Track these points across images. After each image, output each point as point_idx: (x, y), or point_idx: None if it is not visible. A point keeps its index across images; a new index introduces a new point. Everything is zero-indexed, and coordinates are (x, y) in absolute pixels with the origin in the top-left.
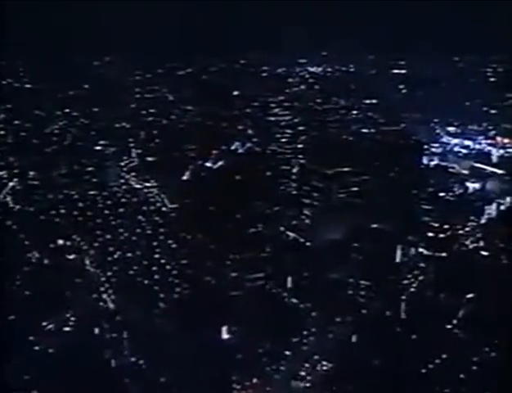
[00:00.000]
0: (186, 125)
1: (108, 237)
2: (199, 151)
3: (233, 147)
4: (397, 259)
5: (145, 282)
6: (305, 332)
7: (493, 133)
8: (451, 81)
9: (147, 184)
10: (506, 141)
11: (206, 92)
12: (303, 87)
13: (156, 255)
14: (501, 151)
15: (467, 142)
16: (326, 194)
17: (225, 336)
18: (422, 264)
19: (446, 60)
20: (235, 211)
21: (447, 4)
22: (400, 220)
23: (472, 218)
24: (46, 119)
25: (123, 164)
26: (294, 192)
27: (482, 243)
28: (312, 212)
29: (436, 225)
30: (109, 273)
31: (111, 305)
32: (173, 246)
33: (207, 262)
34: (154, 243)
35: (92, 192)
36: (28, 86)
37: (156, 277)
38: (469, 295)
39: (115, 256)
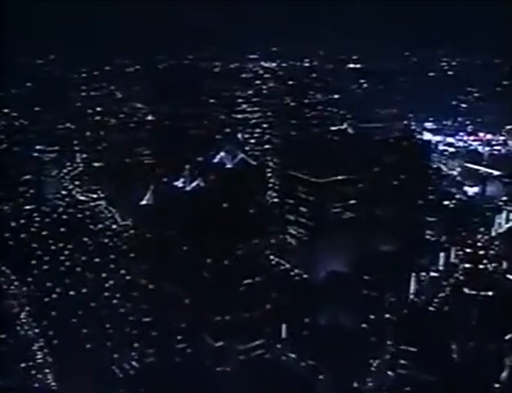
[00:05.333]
0: (139, 125)
1: (45, 267)
2: (165, 163)
3: (217, 160)
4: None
5: (93, 335)
6: None
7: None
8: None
9: (94, 196)
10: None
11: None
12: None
13: (106, 294)
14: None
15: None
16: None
17: None
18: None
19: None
20: (218, 251)
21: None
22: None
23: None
24: None
25: (66, 171)
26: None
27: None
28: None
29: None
30: (44, 323)
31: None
32: (131, 293)
33: (179, 323)
34: (104, 275)
35: (27, 207)
36: None
37: (109, 329)
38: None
39: (54, 296)
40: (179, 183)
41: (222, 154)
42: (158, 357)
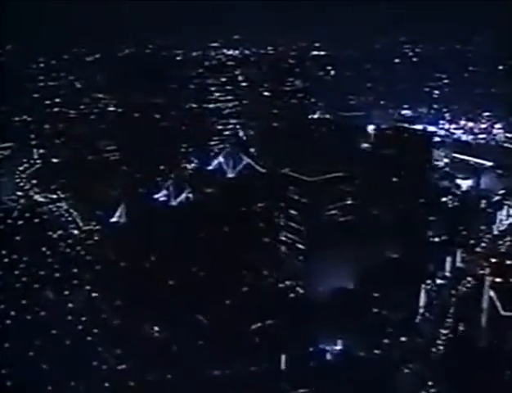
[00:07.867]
0: (102, 117)
1: None
2: (140, 168)
3: (213, 166)
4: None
5: (53, 371)
6: None
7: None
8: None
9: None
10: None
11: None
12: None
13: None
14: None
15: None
16: None
17: None
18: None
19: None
20: (216, 287)
21: None
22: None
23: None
24: None
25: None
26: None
27: None
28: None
29: None
30: None
31: None
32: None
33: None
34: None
35: None
36: None
37: (73, 363)
38: None
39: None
40: (161, 196)
41: (221, 159)
42: None
